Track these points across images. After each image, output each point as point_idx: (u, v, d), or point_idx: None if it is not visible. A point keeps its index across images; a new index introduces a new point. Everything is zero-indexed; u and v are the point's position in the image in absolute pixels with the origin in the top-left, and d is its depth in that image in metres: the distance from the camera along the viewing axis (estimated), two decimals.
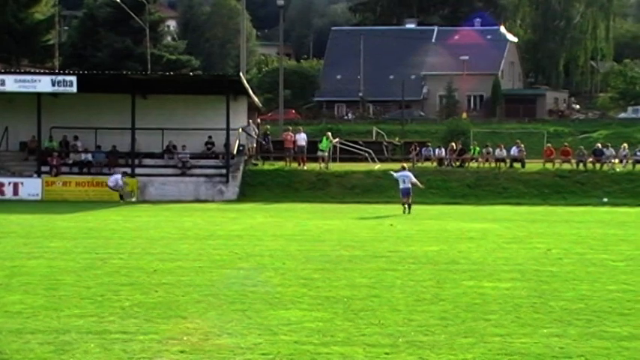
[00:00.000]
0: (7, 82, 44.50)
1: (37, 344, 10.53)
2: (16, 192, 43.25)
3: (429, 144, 55.30)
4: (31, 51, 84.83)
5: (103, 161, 46.84)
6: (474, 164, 51.59)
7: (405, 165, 39.99)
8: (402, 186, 35.69)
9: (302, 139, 50.66)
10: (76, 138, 47.97)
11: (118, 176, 43.25)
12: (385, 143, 62.07)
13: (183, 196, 44.22)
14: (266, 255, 20.08)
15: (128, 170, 44.91)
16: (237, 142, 48.94)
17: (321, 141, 51.01)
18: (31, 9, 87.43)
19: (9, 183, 43.45)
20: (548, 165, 50.58)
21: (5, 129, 47.36)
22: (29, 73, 51.89)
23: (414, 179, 36.14)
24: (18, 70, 56.69)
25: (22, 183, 43.61)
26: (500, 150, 51.85)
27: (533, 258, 19.83)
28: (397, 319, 12.34)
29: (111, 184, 43.01)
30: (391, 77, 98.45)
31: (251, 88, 52.35)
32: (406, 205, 35.34)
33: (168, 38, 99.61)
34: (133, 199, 42.95)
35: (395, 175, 37.50)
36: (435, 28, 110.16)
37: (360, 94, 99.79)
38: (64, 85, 44.26)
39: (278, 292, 14.62)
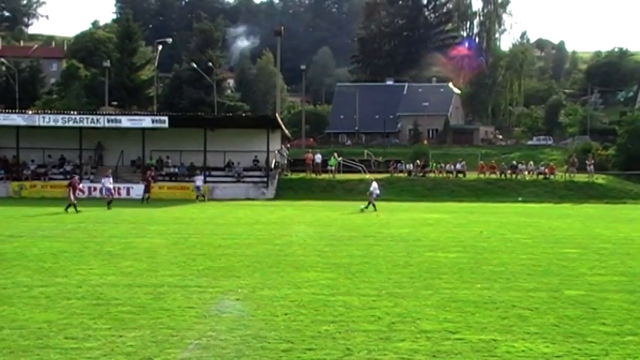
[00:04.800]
0: (122, 121, 45.16)
1: (142, 294, 10.64)
2: (128, 193, 43.37)
3: (402, 161, 55.19)
4: (138, 100, 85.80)
5: (185, 173, 46.94)
6: (431, 174, 51.39)
7: (373, 178, 39.24)
8: (377, 192, 34.72)
9: (318, 158, 50.84)
10: (167, 157, 47.98)
11: (200, 178, 42.51)
12: (373, 161, 61.90)
13: (238, 196, 44.18)
14: (293, 235, 20.10)
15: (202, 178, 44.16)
16: (274, 160, 49.00)
17: (329, 159, 50.99)
18: (138, 72, 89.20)
19: (123, 187, 43.59)
20: (481, 175, 50.33)
21: (121, 152, 47.51)
22: (137, 114, 52.21)
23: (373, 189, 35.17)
24: (130, 113, 56.84)
25: (132, 187, 43.73)
26: (449, 165, 51.73)
27: (470, 237, 19.81)
28: (380, 277, 12.36)
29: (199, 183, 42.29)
30: (377, 117, 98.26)
31: (283, 124, 52.38)
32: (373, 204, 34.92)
33: (228, 91, 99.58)
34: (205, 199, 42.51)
35: (371, 189, 36.59)
36: (406, 84, 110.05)
37: (356, 128, 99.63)
38: (159, 123, 44.65)
39: (301, 259, 14.66)
